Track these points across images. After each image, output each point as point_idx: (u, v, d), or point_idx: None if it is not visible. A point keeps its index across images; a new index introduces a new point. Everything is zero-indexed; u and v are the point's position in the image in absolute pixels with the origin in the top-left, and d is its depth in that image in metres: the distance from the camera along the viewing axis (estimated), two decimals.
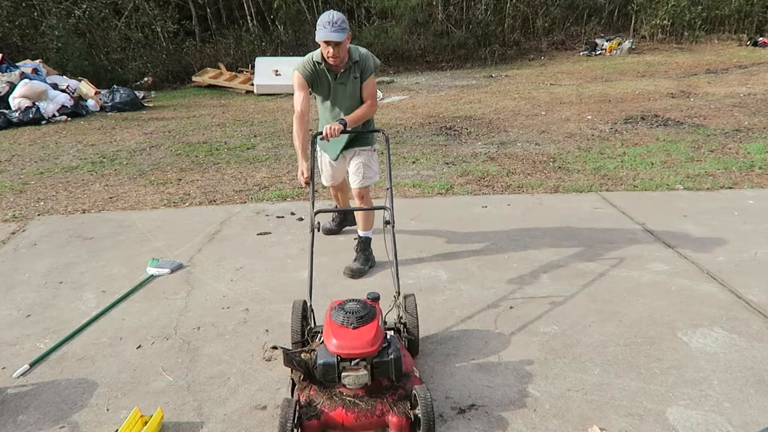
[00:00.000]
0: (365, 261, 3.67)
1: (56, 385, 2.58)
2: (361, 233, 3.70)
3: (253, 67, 13.82)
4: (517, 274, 3.58)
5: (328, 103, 3.46)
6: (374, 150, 3.63)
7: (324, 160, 3.75)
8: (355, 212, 3.92)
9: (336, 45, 3.10)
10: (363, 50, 3.36)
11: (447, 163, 6.34)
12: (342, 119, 3.21)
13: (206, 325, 3.06)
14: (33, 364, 2.74)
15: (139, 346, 2.88)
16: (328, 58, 3.18)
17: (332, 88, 3.37)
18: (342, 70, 3.29)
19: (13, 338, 3.00)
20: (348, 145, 3.56)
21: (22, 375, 2.66)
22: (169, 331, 3.01)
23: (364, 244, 3.69)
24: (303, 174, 3.31)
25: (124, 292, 3.46)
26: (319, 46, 3.21)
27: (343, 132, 3.23)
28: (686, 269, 3.57)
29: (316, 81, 3.36)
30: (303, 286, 2.73)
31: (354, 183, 3.58)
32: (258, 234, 4.38)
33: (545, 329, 2.92)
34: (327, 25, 3.04)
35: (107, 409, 2.41)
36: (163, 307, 3.29)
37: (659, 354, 2.68)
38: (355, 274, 3.59)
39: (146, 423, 2.19)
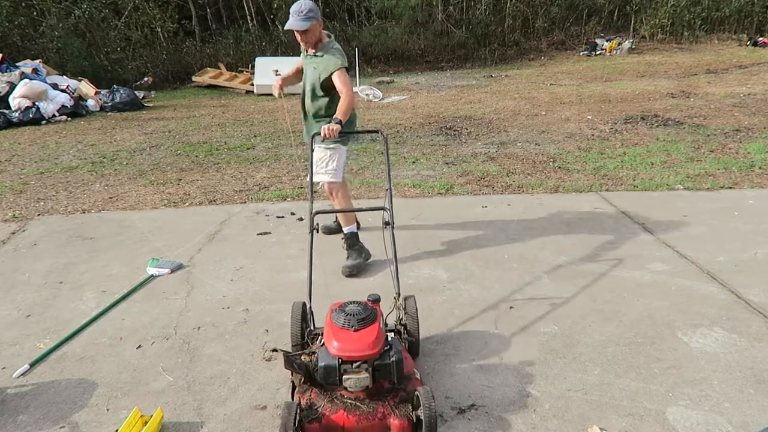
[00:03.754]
0: (358, 255, 3.67)
1: (56, 385, 2.58)
2: (345, 230, 3.71)
3: (253, 67, 13.81)
4: (517, 274, 3.58)
5: (304, 89, 3.66)
6: (335, 148, 3.58)
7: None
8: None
9: (303, 33, 3.33)
10: (335, 48, 3.48)
11: (447, 163, 6.34)
12: (336, 118, 3.24)
13: (206, 325, 3.06)
14: (33, 364, 2.74)
15: (139, 346, 2.88)
16: (299, 41, 3.44)
17: (304, 66, 3.63)
18: (312, 53, 3.50)
19: (13, 338, 3.00)
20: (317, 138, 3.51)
21: (22, 375, 2.66)
22: (169, 331, 3.01)
23: (352, 240, 3.70)
24: (277, 83, 3.60)
25: (124, 292, 3.46)
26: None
27: (342, 132, 3.24)
28: (686, 269, 3.57)
29: (303, 56, 3.66)
30: (303, 286, 2.73)
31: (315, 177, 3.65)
32: (258, 234, 4.38)
33: (545, 329, 2.92)
34: (294, 14, 3.28)
35: (107, 409, 2.41)
36: (163, 307, 3.29)
37: (659, 354, 2.68)
38: (353, 270, 3.59)
39: (146, 423, 2.19)
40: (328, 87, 3.47)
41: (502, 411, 2.31)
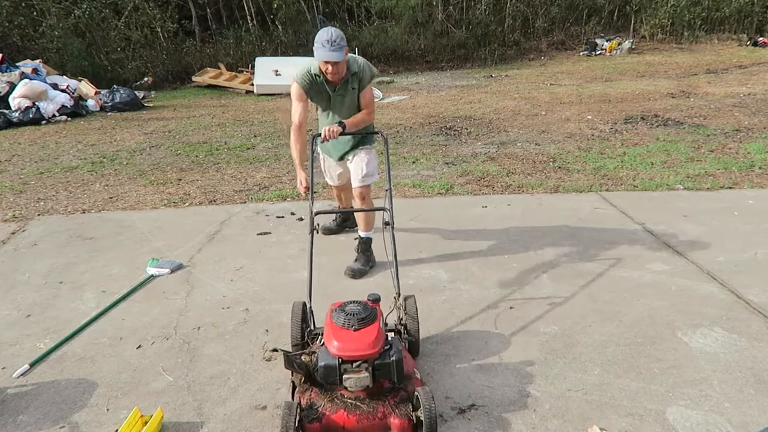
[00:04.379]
0: (366, 261, 3.67)
1: (56, 385, 2.58)
2: (362, 234, 3.70)
3: (253, 67, 13.82)
4: (517, 274, 3.58)
5: (328, 112, 3.51)
6: (373, 149, 3.65)
7: (329, 162, 3.79)
8: (356, 213, 3.93)
9: (335, 64, 3.12)
10: (361, 60, 3.37)
11: (447, 163, 6.34)
12: (341, 121, 3.23)
13: (206, 325, 3.06)
14: (33, 364, 2.74)
15: (139, 346, 2.88)
16: (326, 74, 3.20)
17: (331, 99, 3.41)
18: (341, 83, 3.32)
19: (13, 338, 3.00)
20: (351, 147, 3.59)
21: (22, 375, 2.66)
22: (169, 331, 3.02)
23: (365, 245, 3.69)
24: (302, 183, 3.28)
25: (124, 292, 3.46)
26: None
27: (342, 134, 3.23)
28: (686, 269, 3.57)
29: (315, 93, 3.38)
30: (303, 286, 2.73)
31: (354, 182, 3.60)
32: (258, 234, 4.38)
33: (545, 329, 2.92)
34: (326, 44, 3.02)
35: (107, 409, 2.41)
36: (163, 307, 3.29)
37: (659, 354, 2.68)
38: (356, 274, 3.59)
39: (146, 423, 2.19)
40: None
41: (502, 411, 2.31)
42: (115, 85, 11.77)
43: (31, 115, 9.69)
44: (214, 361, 2.73)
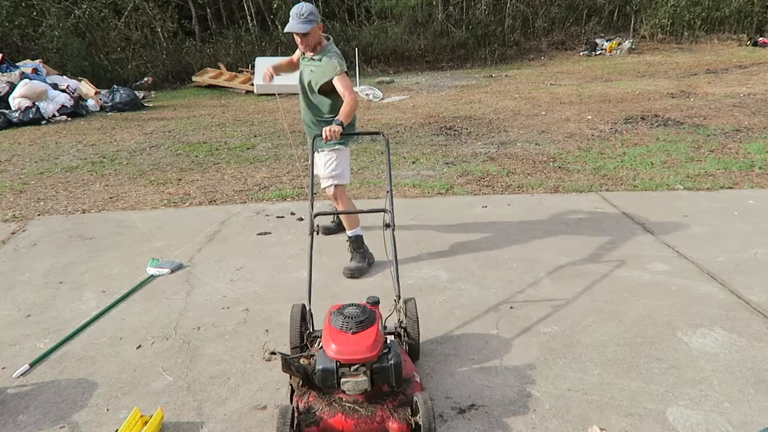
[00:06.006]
0: (362, 258, 3.67)
1: (56, 385, 2.58)
2: (348, 233, 3.70)
3: (253, 67, 13.81)
4: (517, 274, 3.58)
5: (302, 86, 3.64)
6: (341, 149, 3.60)
7: (315, 154, 3.76)
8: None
9: (303, 36, 3.33)
10: (334, 52, 3.44)
11: (447, 163, 6.34)
12: (337, 119, 3.22)
13: (206, 325, 3.06)
14: (33, 364, 2.74)
15: (139, 346, 2.88)
16: (298, 44, 3.43)
17: (301, 70, 3.61)
18: (310, 56, 3.48)
19: (13, 338, 3.00)
20: (318, 141, 3.55)
21: (22, 375, 2.66)
22: (169, 331, 3.02)
23: (356, 243, 3.69)
24: (268, 70, 3.60)
25: (124, 292, 3.46)
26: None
27: (343, 133, 3.22)
28: (686, 269, 3.57)
29: (300, 56, 3.63)
30: (303, 286, 2.73)
31: (321, 182, 3.65)
32: (258, 234, 4.38)
33: (545, 329, 2.92)
34: (295, 17, 3.28)
35: (107, 409, 2.41)
36: (163, 307, 3.29)
37: (659, 354, 2.68)
38: (355, 273, 3.58)
39: (146, 423, 2.19)
40: (325, 90, 3.46)
41: (502, 411, 2.31)
42: (115, 85, 11.77)
43: (31, 115, 9.69)
44: (214, 361, 2.73)
